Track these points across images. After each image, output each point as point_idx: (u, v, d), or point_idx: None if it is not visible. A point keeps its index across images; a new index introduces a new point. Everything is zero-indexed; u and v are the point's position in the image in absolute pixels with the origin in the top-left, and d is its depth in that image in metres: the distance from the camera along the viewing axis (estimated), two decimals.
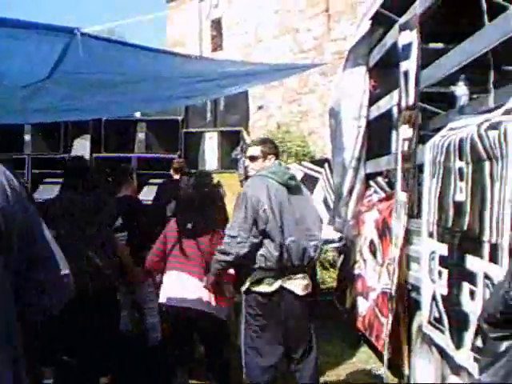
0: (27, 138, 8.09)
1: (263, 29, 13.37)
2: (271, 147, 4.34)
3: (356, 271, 5.80)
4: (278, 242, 3.96)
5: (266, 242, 3.98)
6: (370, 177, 5.72)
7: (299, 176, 7.08)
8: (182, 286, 4.38)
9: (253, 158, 4.31)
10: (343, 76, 5.83)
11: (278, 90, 12.91)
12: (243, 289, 4.12)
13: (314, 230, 4.16)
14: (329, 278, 8.42)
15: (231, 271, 4.37)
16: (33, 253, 1.82)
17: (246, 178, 4.71)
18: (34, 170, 7.92)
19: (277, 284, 4.00)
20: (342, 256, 6.77)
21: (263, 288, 4.02)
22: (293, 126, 12.31)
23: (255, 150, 4.32)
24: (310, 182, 6.91)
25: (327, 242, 6.53)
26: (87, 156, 7.74)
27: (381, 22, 5.19)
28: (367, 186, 5.75)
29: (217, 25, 14.57)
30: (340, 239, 6.28)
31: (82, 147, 7.85)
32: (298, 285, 4.05)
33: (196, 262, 4.40)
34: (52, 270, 1.90)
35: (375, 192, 5.58)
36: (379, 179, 5.56)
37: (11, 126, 7.92)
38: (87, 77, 3.75)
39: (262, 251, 3.98)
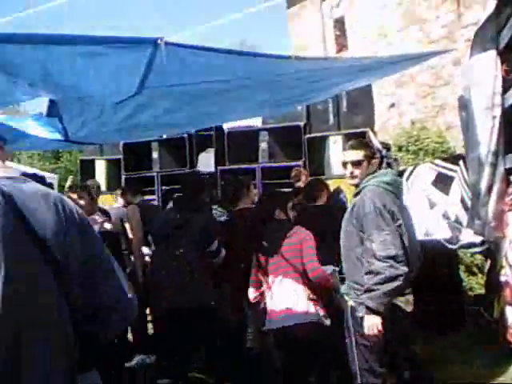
0: (155, 155, 8.25)
1: (387, 23, 12.80)
2: (373, 151, 4.00)
3: (502, 278, 5.17)
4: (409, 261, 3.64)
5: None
6: (511, 172, 5.10)
7: (432, 176, 6.57)
8: (278, 305, 4.25)
9: (356, 164, 3.92)
10: (470, 63, 5.26)
11: (409, 85, 12.30)
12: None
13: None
14: (476, 285, 7.72)
15: None
16: (92, 281, 1.92)
17: None
18: (163, 187, 8.03)
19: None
20: (489, 261, 6.17)
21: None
22: (428, 122, 11.62)
23: (357, 155, 3.93)
24: (445, 181, 6.35)
25: (469, 245, 6.00)
26: (212, 169, 7.75)
27: (507, 1, 4.59)
28: (508, 183, 5.13)
29: (340, 24, 14.18)
30: (482, 242, 5.70)
31: (206, 161, 7.86)
32: (406, 301, 3.70)
33: (290, 275, 4.26)
34: (112, 295, 1.98)
35: None
36: None
37: (139, 144, 8.17)
38: (186, 88, 3.59)
39: None
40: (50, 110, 3.98)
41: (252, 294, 4.58)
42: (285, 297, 4.22)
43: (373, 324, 3.56)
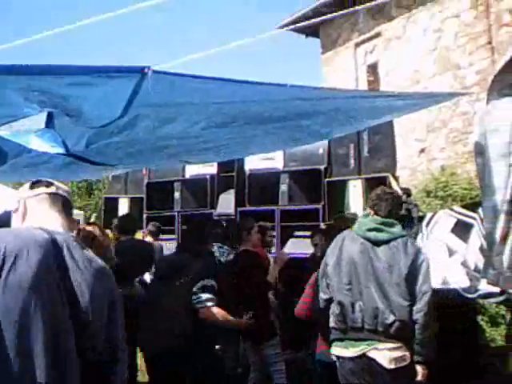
0: (177, 195, 8.33)
1: (421, 69, 12.77)
2: (371, 199, 3.98)
3: None
4: (337, 300, 3.66)
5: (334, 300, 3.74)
6: None
7: (451, 223, 6.44)
8: None
9: None
10: (487, 109, 5.18)
11: (440, 131, 12.19)
12: None
13: (394, 295, 3.57)
14: (499, 336, 7.44)
15: None
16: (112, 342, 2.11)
17: None
18: (183, 227, 8.07)
19: (356, 349, 3.56)
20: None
21: (341, 352, 3.65)
22: (458, 168, 11.45)
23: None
24: (464, 228, 6.20)
25: (487, 295, 5.84)
26: (232, 211, 7.76)
27: None
28: None
29: (373, 70, 14.22)
30: (502, 293, 5.52)
31: (227, 202, 7.88)
32: (383, 356, 3.51)
33: None
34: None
35: None
36: None
37: (162, 184, 8.28)
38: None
39: (330, 309, 3.75)
40: (48, 121, 4.04)
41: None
42: None
43: None
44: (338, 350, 3.67)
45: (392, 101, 4.27)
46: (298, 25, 11.79)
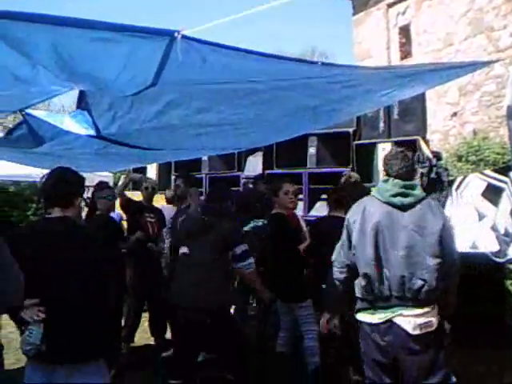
0: (205, 157, 8.35)
1: (453, 31, 12.46)
2: (384, 161, 3.85)
3: None
4: (363, 273, 3.57)
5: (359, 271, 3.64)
6: None
7: (482, 186, 6.34)
8: None
9: None
10: None
11: (473, 94, 11.92)
12: None
13: (426, 259, 3.49)
14: None
15: None
16: None
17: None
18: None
19: (381, 316, 3.53)
20: None
21: (365, 317, 3.63)
22: (491, 132, 11.22)
23: None
24: (494, 192, 6.10)
25: None
26: (259, 173, 7.75)
27: None
28: None
29: (405, 32, 13.90)
30: None
31: (254, 165, 7.87)
32: (408, 322, 3.47)
33: None
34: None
35: None
36: None
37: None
38: (214, 87, 3.52)
39: (356, 280, 3.66)
40: (80, 102, 4.07)
41: None
42: None
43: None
44: (363, 316, 3.64)
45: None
46: None
